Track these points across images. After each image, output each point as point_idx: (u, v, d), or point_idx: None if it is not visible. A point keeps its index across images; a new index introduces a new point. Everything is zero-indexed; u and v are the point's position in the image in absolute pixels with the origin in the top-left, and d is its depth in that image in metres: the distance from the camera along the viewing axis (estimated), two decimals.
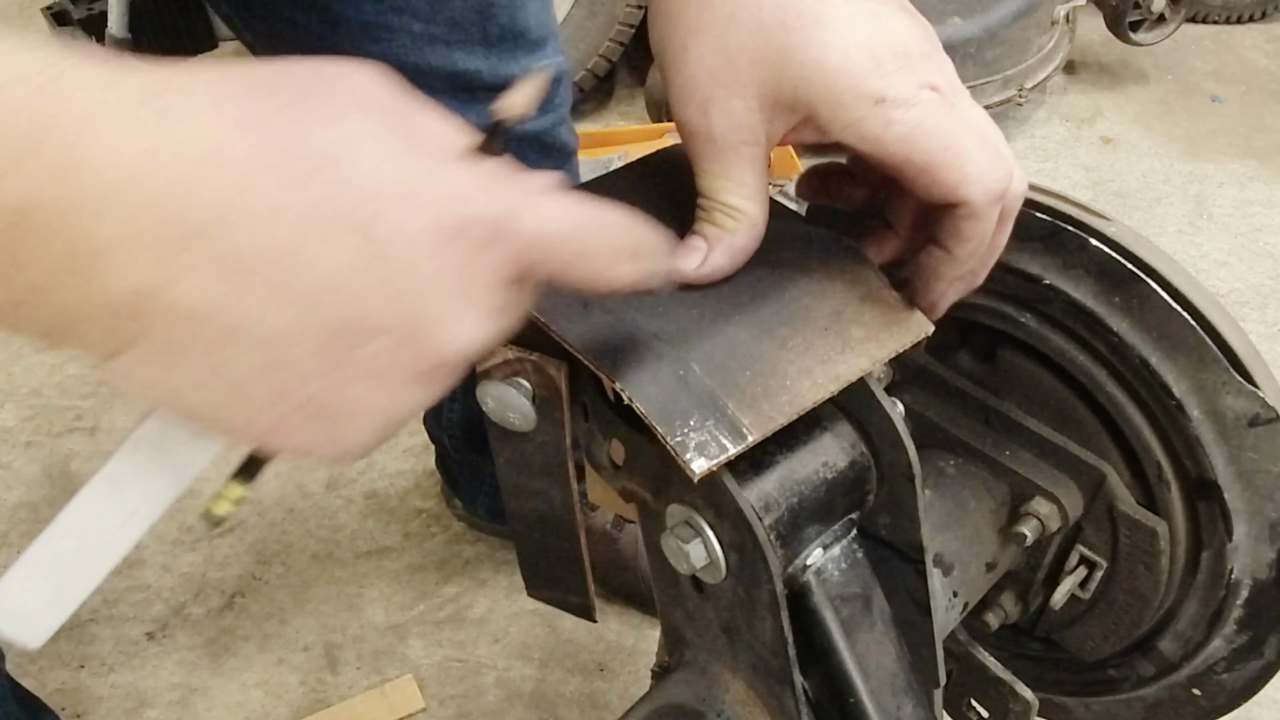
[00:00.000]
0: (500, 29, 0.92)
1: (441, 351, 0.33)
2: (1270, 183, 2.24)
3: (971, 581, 0.65)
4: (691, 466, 0.43)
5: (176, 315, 0.30)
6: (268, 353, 0.31)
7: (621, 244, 0.37)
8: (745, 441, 0.44)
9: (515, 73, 0.94)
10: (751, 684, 0.55)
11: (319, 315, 0.31)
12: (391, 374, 0.33)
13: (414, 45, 0.90)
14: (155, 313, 0.30)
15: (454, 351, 0.33)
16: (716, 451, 0.43)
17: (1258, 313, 1.95)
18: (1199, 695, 0.67)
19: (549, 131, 1.02)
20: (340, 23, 0.89)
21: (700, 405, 0.45)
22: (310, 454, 0.34)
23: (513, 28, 0.92)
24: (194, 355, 0.31)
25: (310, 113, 0.31)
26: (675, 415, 0.44)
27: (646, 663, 1.40)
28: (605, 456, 0.53)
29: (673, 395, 0.45)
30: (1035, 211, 0.59)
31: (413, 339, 0.32)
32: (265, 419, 0.33)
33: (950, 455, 0.67)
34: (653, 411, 0.44)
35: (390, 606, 1.50)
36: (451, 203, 0.32)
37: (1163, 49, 2.46)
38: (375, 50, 0.90)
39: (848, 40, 0.45)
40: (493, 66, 0.93)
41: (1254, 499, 0.59)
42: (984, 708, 0.69)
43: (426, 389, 0.34)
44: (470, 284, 0.33)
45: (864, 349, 0.48)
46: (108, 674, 1.43)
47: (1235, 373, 0.56)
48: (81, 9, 2.18)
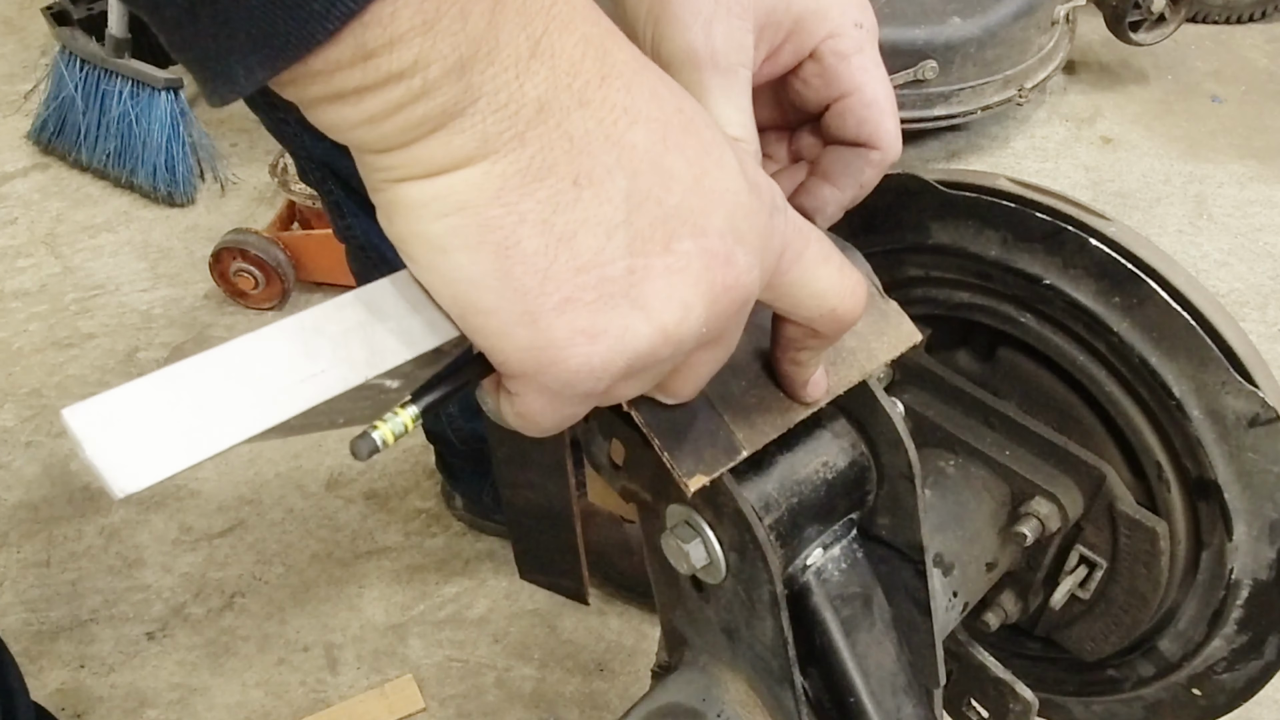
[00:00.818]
0: None
1: (738, 274, 0.35)
2: (1270, 183, 2.24)
3: (971, 581, 0.65)
4: (687, 482, 0.44)
5: (565, 135, 0.31)
6: (617, 209, 0.32)
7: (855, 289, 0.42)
8: (739, 456, 0.45)
9: None
10: (751, 684, 0.55)
11: (668, 192, 0.33)
12: (696, 279, 0.34)
13: None
14: (548, 126, 0.31)
15: (745, 282, 0.35)
16: (711, 466, 0.44)
17: (1258, 313, 1.95)
18: (1199, 695, 0.67)
19: None
20: None
21: (696, 416, 0.45)
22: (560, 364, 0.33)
23: None
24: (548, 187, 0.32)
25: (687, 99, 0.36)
26: (673, 426, 0.44)
27: (646, 663, 1.40)
28: (605, 456, 0.53)
29: (670, 406, 0.45)
30: (1035, 211, 0.59)
31: (728, 250, 0.35)
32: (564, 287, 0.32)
33: (950, 455, 0.67)
34: (651, 422, 0.44)
35: (390, 606, 1.50)
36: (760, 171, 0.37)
37: (1163, 49, 2.46)
38: None
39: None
40: None
41: (1254, 499, 0.59)
42: (984, 708, 0.69)
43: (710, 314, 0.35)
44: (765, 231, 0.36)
45: (854, 360, 0.48)
46: (108, 674, 1.43)
47: (1235, 373, 0.56)
48: (81, 9, 2.18)
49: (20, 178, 2.26)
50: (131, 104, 2.11)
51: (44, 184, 2.24)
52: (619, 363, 0.34)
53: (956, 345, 0.70)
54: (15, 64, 2.56)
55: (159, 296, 2.00)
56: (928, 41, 2.07)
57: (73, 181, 2.24)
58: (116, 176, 2.19)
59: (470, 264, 0.32)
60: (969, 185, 0.61)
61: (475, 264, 0.32)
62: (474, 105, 0.30)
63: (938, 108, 2.14)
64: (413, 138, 0.31)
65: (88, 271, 2.05)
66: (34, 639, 1.46)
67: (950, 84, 2.12)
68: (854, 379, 0.48)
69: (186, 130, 2.14)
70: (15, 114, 2.39)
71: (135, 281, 2.03)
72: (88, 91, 2.14)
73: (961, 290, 0.65)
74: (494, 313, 0.32)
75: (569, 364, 0.33)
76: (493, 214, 0.31)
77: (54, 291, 2.01)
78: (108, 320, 1.95)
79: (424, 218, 0.32)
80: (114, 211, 2.17)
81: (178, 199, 2.14)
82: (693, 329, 0.35)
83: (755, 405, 0.46)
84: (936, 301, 0.66)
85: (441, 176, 0.31)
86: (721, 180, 0.35)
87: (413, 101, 0.30)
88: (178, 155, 2.12)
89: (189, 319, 1.95)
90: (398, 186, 0.32)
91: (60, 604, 1.51)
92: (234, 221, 2.06)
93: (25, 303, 1.99)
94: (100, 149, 2.16)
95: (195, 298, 1.99)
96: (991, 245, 0.61)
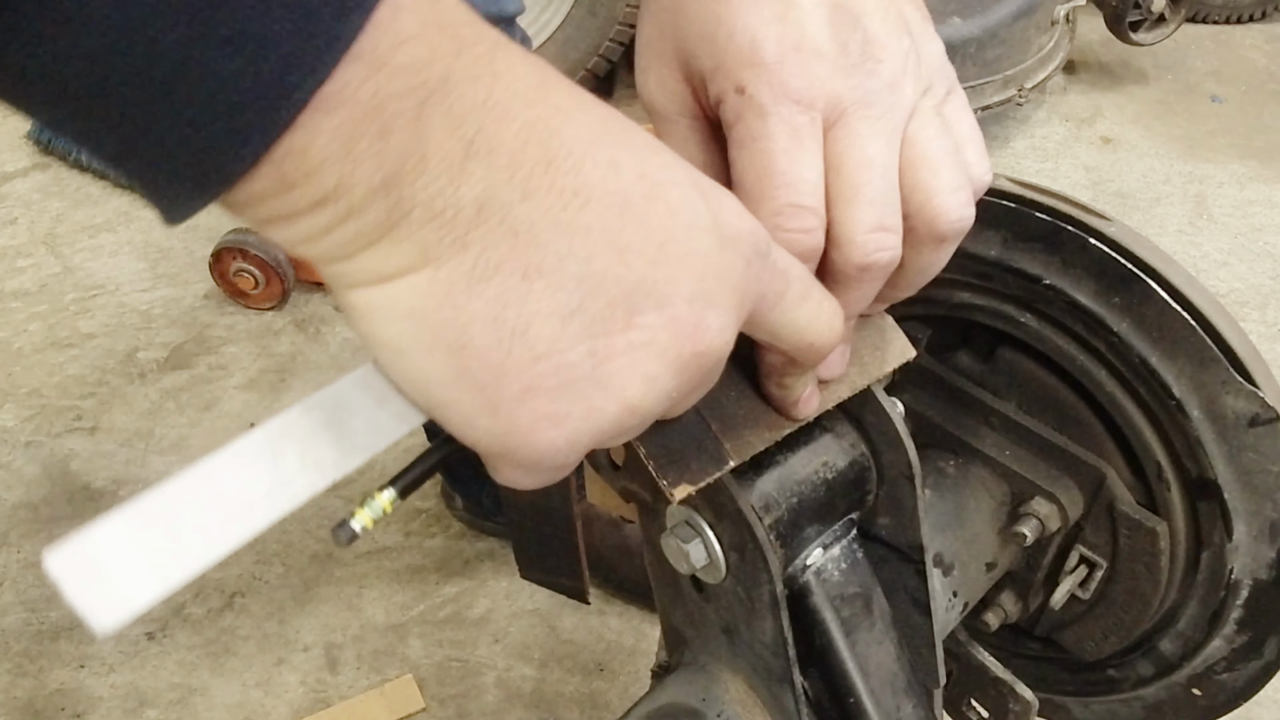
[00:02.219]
0: None
1: (709, 339, 0.34)
2: (1270, 183, 2.24)
3: (971, 581, 0.65)
4: (672, 491, 0.44)
5: (509, 232, 0.31)
6: (571, 295, 0.32)
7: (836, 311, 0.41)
8: (725, 466, 0.45)
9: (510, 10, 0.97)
10: (751, 684, 0.55)
11: (628, 268, 0.33)
12: (661, 351, 0.34)
13: None
14: (490, 225, 0.31)
15: (717, 345, 0.35)
16: (696, 476, 0.44)
17: (1258, 313, 1.95)
18: (1199, 695, 0.67)
19: None
20: None
21: (684, 426, 0.45)
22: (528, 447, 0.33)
23: None
24: (496, 285, 0.31)
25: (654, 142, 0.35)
26: (659, 435, 0.44)
27: (646, 663, 1.40)
28: (605, 456, 0.53)
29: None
30: (1035, 211, 0.59)
31: (697, 317, 0.34)
32: (522, 378, 0.32)
33: (950, 455, 0.67)
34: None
35: (390, 606, 1.50)
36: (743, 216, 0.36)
37: (1163, 49, 2.46)
38: None
39: (739, 16, 0.41)
40: None
41: (1254, 499, 0.59)
42: (984, 708, 0.69)
43: (679, 382, 0.35)
44: (740, 285, 0.35)
45: (846, 376, 0.48)
46: (108, 674, 1.43)
47: (1235, 373, 0.56)
48: None
49: (20, 178, 2.26)
50: None
51: (44, 184, 2.24)
52: (585, 440, 0.34)
53: (956, 345, 0.70)
54: None
55: (159, 296, 2.00)
56: None
57: (73, 181, 2.24)
58: (116, 176, 2.19)
59: (426, 364, 0.32)
60: None
61: (431, 363, 0.32)
62: (408, 218, 0.30)
63: None
64: (351, 252, 0.31)
65: (88, 271, 2.05)
66: (34, 639, 1.46)
67: None
68: (844, 394, 0.48)
69: None
70: (15, 114, 2.39)
71: (135, 281, 2.03)
72: None
73: (961, 290, 0.65)
74: (456, 405, 0.33)
75: (536, 447, 0.33)
76: (443, 317, 0.31)
77: (54, 291, 2.01)
78: (108, 320, 1.95)
79: (378, 321, 0.32)
80: (114, 211, 2.17)
81: None
82: (658, 400, 0.34)
83: (744, 416, 0.46)
84: (936, 301, 0.66)
85: (388, 284, 0.31)
86: (689, 243, 0.34)
87: (341, 223, 0.30)
88: None
89: (189, 319, 1.95)
90: (350, 292, 0.32)
91: (60, 604, 1.51)
92: (234, 221, 2.06)
93: (25, 303, 1.99)
94: None
95: (195, 298, 1.99)
96: (991, 245, 0.61)
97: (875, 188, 0.40)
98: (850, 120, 0.40)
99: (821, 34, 0.40)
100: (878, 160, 0.40)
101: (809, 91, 0.40)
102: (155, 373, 1.84)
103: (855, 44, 0.40)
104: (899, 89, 0.41)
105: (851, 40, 0.40)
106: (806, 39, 0.40)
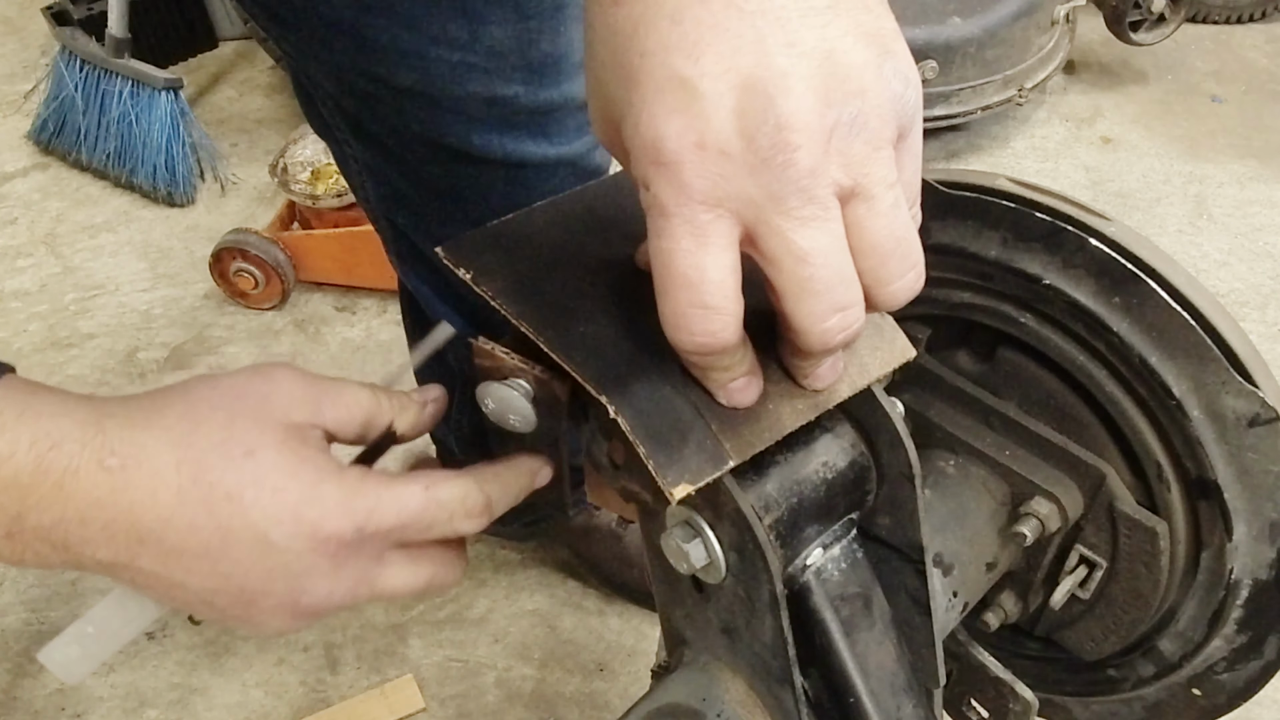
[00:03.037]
0: (542, 55, 0.88)
1: (313, 608, 0.49)
2: (1270, 183, 2.24)
3: (971, 581, 0.65)
4: (671, 490, 0.44)
5: (139, 576, 0.46)
6: (201, 599, 0.47)
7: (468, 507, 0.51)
8: (725, 466, 0.45)
9: (554, 98, 0.91)
10: (751, 684, 0.55)
11: (232, 583, 0.47)
12: (281, 615, 0.49)
13: (451, 74, 0.86)
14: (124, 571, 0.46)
15: (323, 608, 0.49)
16: (695, 476, 0.44)
17: (1258, 313, 1.95)
18: (1199, 695, 0.67)
19: (585, 155, 0.99)
20: (374, 49, 0.85)
21: (684, 425, 0.45)
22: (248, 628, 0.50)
23: (554, 53, 0.89)
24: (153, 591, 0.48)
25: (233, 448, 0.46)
26: (659, 434, 0.44)
27: (646, 663, 1.40)
28: (605, 456, 0.53)
29: (658, 414, 0.45)
30: (1035, 211, 0.59)
31: (293, 601, 0.48)
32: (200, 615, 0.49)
33: (950, 455, 0.67)
34: (637, 429, 0.44)
35: (390, 606, 1.50)
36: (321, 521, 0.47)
37: (1163, 49, 2.46)
38: (410, 78, 0.87)
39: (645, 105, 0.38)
40: (532, 92, 0.90)
41: (1254, 499, 0.59)
42: (984, 708, 0.69)
43: (308, 621, 0.50)
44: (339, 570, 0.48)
45: (846, 375, 0.48)
46: (108, 674, 1.43)
47: (1235, 373, 0.56)
48: (81, 9, 2.18)
49: (20, 178, 2.26)
50: (131, 104, 2.11)
51: (44, 184, 2.24)
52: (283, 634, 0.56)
53: (956, 345, 0.70)
54: (15, 64, 2.56)
55: (159, 296, 2.00)
56: (928, 41, 2.07)
57: (73, 181, 2.24)
58: (116, 176, 2.18)
59: None
60: (969, 185, 0.61)
61: None
62: None
63: (938, 108, 2.14)
64: None
65: (88, 271, 2.05)
66: (34, 639, 1.46)
67: (950, 84, 2.12)
68: (845, 394, 0.48)
69: (186, 130, 2.14)
70: (15, 114, 2.39)
71: (135, 281, 2.03)
72: (88, 91, 2.14)
73: (961, 290, 0.65)
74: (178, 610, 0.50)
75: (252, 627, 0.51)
76: None
77: (54, 291, 2.01)
78: (108, 320, 1.95)
79: None
80: (114, 211, 2.17)
81: (178, 199, 2.14)
82: None
83: (743, 416, 0.46)
84: (936, 301, 0.66)
85: None
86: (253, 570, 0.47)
87: None
88: (178, 155, 2.12)
89: (189, 319, 1.95)
90: None
91: (60, 604, 1.51)
92: (234, 221, 2.06)
93: (25, 303, 1.99)
94: (100, 149, 2.16)
95: (195, 298, 1.99)
96: (991, 245, 0.61)
97: (819, 279, 0.39)
98: (769, 218, 0.38)
99: (726, 128, 0.37)
100: (813, 251, 0.38)
101: (713, 192, 0.37)
102: (155, 373, 1.84)
103: (765, 135, 0.36)
104: (820, 174, 0.37)
105: (760, 132, 0.37)
106: (710, 135, 0.37)
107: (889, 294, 0.41)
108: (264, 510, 0.46)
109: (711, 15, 0.37)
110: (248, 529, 0.45)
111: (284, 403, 0.49)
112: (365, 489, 0.48)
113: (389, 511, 0.49)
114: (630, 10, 0.38)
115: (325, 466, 0.48)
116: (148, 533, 0.44)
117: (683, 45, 0.37)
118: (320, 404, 0.50)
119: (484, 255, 0.50)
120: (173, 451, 0.45)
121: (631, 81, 0.39)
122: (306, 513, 0.46)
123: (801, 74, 0.37)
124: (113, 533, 0.44)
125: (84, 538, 0.44)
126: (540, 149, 0.95)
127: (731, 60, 0.37)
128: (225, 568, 0.46)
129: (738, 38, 0.37)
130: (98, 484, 0.43)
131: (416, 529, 0.50)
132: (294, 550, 0.46)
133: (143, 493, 0.44)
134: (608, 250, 0.51)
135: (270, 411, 0.48)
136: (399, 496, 0.49)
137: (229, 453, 0.45)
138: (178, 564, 0.45)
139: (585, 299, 0.49)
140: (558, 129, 0.95)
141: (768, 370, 0.47)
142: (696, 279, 0.39)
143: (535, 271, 0.50)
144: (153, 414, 0.46)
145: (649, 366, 0.46)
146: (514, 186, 0.97)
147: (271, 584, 0.47)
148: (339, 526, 0.47)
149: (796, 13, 0.37)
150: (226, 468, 0.45)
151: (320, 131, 1.03)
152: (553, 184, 0.99)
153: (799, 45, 0.37)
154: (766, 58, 0.37)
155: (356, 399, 0.52)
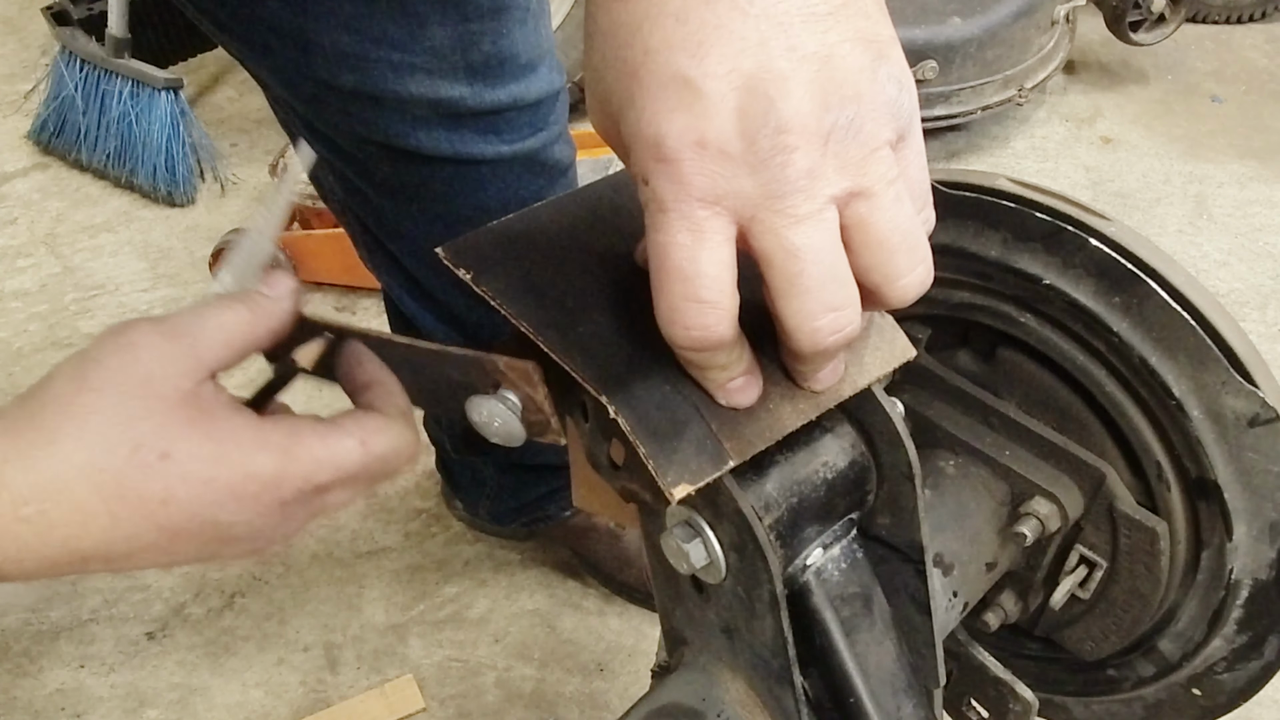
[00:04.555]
0: (484, 56, 0.89)
1: (273, 543, 0.49)
2: (1270, 183, 2.24)
3: (971, 581, 0.65)
4: (672, 490, 0.44)
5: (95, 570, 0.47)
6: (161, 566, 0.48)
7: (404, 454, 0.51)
8: (725, 466, 0.45)
9: (501, 99, 0.92)
10: (751, 684, 0.55)
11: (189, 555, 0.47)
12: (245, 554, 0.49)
13: (394, 74, 0.87)
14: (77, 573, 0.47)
15: (284, 540, 0.50)
16: (695, 476, 0.44)
17: (1258, 313, 1.95)
18: (1199, 695, 0.67)
19: (541, 151, 0.99)
20: (316, 51, 0.86)
21: (684, 425, 0.45)
22: None
23: (497, 54, 0.90)
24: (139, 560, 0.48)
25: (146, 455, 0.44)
26: (659, 434, 0.44)
27: (646, 663, 1.40)
28: (605, 456, 0.53)
29: (658, 413, 0.45)
30: (1035, 211, 0.59)
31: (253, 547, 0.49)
32: None
33: (950, 455, 0.67)
34: (637, 429, 0.44)
35: (390, 606, 1.50)
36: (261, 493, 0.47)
37: (1163, 49, 2.46)
38: (353, 79, 0.87)
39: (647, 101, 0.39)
40: (477, 93, 0.91)
41: (1254, 499, 0.59)
42: (984, 708, 0.69)
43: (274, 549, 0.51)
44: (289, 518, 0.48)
45: (847, 375, 0.48)
46: (108, 674, 1.43)
47: (1235, 373, 0.56)
48: (81, 9, 2.18)
49: (20, 178, 2.26)
50: (131, 104, 2.11)
51: (44, 184, 2.24)
52: None
53: (956, 345, 0.70)
54: (15, 64, 2.56)
55: (159, 296, 2.00)
56: (928, 41, 2.07)
57: (73, 181, 2.24)
58: (116, 176, 2.18)
59: None
60: (969, 185, 0.61)
61: None
62: None
63: (938, 108, 2.14)
64: None
65: (88, 271, 2.05)
66: (34, 639, 1.46)
67: (950, 84, 2.12)
68: (845, 394, 0.48)
69: (186, 130, 2.14)
70: (15, 114, 2.39)
71: (135, 281, 2.03)
72: (88, 91, 2.13)
73: (961, 290, 0.65)
74: None
75: None
76: None
77: (54, 291, 2.01)
78: (108, 320, 1.95)
79: None
80: (114, 211, 2.17)
81: (178, 199, 2.14)
82: None
83: (743, 416, 0.46)
84: (936, 301, 0.66)
85: None
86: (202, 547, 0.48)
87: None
88: (178, 155, 2.12)
89: None
90: None
91: (60, 604, 1.51)
92: (234, 221, 2.06)
93: (25, 303, 1.99)
94: (100, 149, 2.16)
95: (195, 298, 1.99)
96: (991, 245, 0.61)
97: (810, 275, 0.39)
98: (764, 216, 0.38)
99: (727, 128, 0.37)
100: (805, 248, 0.39)
101: (712, 190, 0.38)
102: None
103: (765, 136, 0.37)
104: (816, 176, 0.38)
105: (761, 133, 0.37)
106: (711, 134, 0.37)
107: (899, 289, 0.41)
108: (203, 501, 0.45)
109: (716, 16, 0.37)
110: (192, 520, 0.45)
111: (161, 371, 0.46)
112: (298, 451, 0.47)
113: (325, 471, 0.48)
114: (635, 7, 0.39)
115: (244, 434, 0.47)
116: (92, 554, 0.44)
117: (687, 44, 0.38)
118: (195, 352, 0.47)
119: (484, 255, 0.50)
120: (86, 478, 0.43)
121: (633, 77, 0.39)
122: (245, 489, 0.46)
123: (802, 78, 0.37)
124: (55, 562, 0.44)
125: (27, 571, 0.44)
126: (492, 147, 0.95)
127: (735, 61, 0.37)
128: (180, 550, 0.46)
129: (741, 39, 0.37)
130: (20, 534, 0.43)
131: (358, 483, 0.50)
132: (242, 520, 0.47)
133: (73, 527, 0.43)
134: (608, 250, 0.51)
135: (157, 390, 0.45)
136: (334, 454, 0.48)
137: (144, 462, 0.44)
138: (130, 563, 0.46)
139: (585, 299, 0.49)
140: (508, 127, 0.95)
141: (768, 370, 0.47)
142: (691, 273, 0.39)
143: (535, 272, 0.50)
144: (41, 436, 0.44)
145: (649, 366, 0.46)
146: (468, 183, 0.98)
147: (228, 545, 0.48)
148: (279, 494, 0.47)
149: (799, 18, 0.38)
150: (148, 477, 0.44)
151: (285, 130, 1.04)
152: (509, 180, 0.99)
153: (800, 49, 0.37)
154: (768, 60, 0.37)
155: (222, 326, 0.49)
